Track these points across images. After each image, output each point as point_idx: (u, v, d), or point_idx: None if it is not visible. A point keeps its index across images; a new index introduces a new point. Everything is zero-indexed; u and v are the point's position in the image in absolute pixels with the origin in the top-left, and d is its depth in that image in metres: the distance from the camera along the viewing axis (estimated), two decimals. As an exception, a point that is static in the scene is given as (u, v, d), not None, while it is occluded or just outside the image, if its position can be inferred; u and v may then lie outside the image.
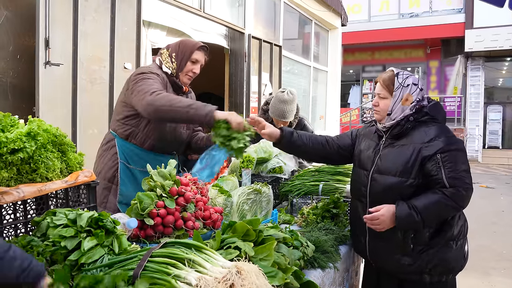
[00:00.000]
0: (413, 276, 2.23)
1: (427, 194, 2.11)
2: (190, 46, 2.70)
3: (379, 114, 2.28)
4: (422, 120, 2.20)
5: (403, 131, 2.20)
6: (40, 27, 3.75)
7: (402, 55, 18.99)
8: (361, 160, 2.38)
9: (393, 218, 2.10)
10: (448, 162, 2.07)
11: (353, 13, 17.71)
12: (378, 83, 2.29)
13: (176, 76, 2.70)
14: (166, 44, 2.78)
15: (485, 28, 15.22)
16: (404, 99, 2.19)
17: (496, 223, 7.16)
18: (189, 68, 2.70)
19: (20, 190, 1.52)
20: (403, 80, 2.22)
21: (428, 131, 2.16)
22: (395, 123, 2.21)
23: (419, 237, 2.17)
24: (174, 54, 2.69)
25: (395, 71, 2.27)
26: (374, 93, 2.35)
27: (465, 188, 2.07)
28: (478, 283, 4.61)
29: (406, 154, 2.15)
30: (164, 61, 2.70)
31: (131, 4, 4.77)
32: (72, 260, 1.39)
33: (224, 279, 1.18)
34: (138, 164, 2.64)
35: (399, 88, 2.20)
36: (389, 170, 2.18)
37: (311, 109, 10.43)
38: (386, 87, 2.24)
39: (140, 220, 1.87)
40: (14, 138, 1.54)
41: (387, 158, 2.22)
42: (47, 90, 3.83)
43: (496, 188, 10.51)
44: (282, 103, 3.65)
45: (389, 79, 2.24)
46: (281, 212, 2.85)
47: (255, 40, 7.47)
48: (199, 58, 2.73)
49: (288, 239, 1.76)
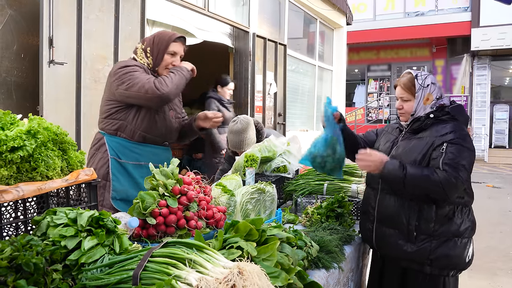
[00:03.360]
0: (414, 265, 2.33)
1: (421, 167, 2.23)
2: (166, 39, 2.65)
3: (404, 116, 2.42)
4: (443, 118, 2.31)
5: (421, 126, 2.33)
6: (44, 26, 3.74)
7: (407, 54, 18.91)
8: (378, 150, 2.48)
9: (380, 165, 2.22)
10: (451, 152, 2.16)
11: (358, 12, 17.65)
12: (398, 87, 2.41)
13: (153, 70, 2.65)
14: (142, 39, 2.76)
15: (492, 27, 15.12)
16: (425, 99, 2.33)
17: (503, 223, 7.09)
18: (168, 61, 2.66)
19: (20, 188, 1.50)
20: (423, 81, 2.35)
21: (445, 127, 2.26)
22: (415, 119, 2.36)
23: (424, 226, 2.26)
24: (149, 48, 2.64)
25: (413, 73, 2.39)
26: (396, 97, 2.47)
27: (455, 177, 2.11)
28: (485, 283, 4.56)
29: (420, 145, 2.28)
30: (138, 56, 2.65)
31: (135, 3, 4.76)
32: (72, 260, 1.37)
33: (225, 280, 1.15)
34: (130, 158, 2.62)
35: (420, 89, 2.33)
36: (402, 159, 2.29)
37: (316, 109, 10.39)
38: (408, 90, 2.36)
39: (142, 219, 1.85)
40: (14, 136, 1.52)
41: (402, 149, 2.36)
42: (51, 89, 3.82)
43: (503, 188, 10.42)
44: (235, 135, 3.42)
45: (409, 81, 2.36)
46: (285, 211, 2.83)
47: (259, 39, 7.45)
48: (177, 50, 2.67)
49: (291, 239, 1.73)
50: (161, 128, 2.68)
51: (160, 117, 2.67)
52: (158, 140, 2.72)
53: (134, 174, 2.63)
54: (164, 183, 1.94)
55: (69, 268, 1.38)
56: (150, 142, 2.67)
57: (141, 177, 2.61)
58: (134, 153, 2.62)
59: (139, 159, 2.65)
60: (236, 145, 3.45)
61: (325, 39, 11.14)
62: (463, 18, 16.13)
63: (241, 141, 3.42)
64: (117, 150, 2.60)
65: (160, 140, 2.74)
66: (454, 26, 16.20)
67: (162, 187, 1.94)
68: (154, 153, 2.70)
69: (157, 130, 2.67)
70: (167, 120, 2.71)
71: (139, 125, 2.59)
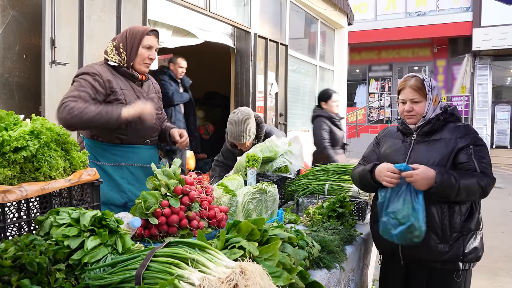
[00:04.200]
0: (447, 265, 2.31)
1: (461, 171, 2.24)
2: (139, 33, 2.62)
3: (414, 117, 2.40)
4: (450, 119, 2.40)
5: (434, 128, 2.37)
6: (46, 27, 3.75)
7: (409, 54, 18.89)
8: (389, 156, 2.46)
9: (430, 180, 2.15)
10: (478, 154, 2.26)
11: (359, 12, 17.64)
12: (408, 89, 2.40)
13: (128, 67, 2.62)
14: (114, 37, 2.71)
15: (493, 27, 15.10)
16: (434, 100, 2.39)
17: (505, 223, 7.09)
18: (144, 55, 2.62)
19: (23, 188, 1.51)
20: (429, 83, 2.40)
21: (459, 129, 2.36)
22: (426, 121, 2.38)
23: (454, 223, 2.28)
24: (122, 44, 2.61)
25: (420, 76, 2.43)
26: (401, 100, 2.45)
27: (493, 178, 2.25)
28: (487, 284, 4.56)
29: (441, 147, 2.32)
30: (109, 54, 2.62)
31: (137, 4, 4.77)
32: (75, 260, 1.38)
33: (228, 279, 1.16)
34: (109, 160, 2.58)
35: (429, 91, 2.38)
36: (425, 161, 2.29)
37: (317, 109, 10.39)
38: (420, 91, 2.38)
39: (145, 219, 1.86)
40: (17, 136, 1.53)
41: (421, 152, 2.37)
42: (53, 90, 3.82)
43: (504, 188, 10.42)
44: (234, 125, 3.37)
45: (419, 83, 2.39)
46: (286, 211, 2.83)
47: (261, 39, 7.45)
48: (152, 43, 2.64)
49: (293, 239, 1.74)
50: (136, 127, 2.60)
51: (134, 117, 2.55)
52: (137, 140, 2.66)
53: (114, 176, 2.57)
54: (166, 183, 1.95)
55: (72, 267, 1.39)
56: (129, 142, 2.62)
57: (121, 178, 2.59)
58: (113, 155, 2.58)
59: (119, 161, 2.60)
60: (236, 136, 3.39)
61: (326, 39, 11.13)
62: (465, 18, 16.11)
63: (240, 132, 3.37)
64: (96, 153, 2.55)
65: (140, 140, 2.67)
66: (456, 26, 16.18)
67: (164, 187, 1.94)
68: (135, 153, 2.65)
69: (132, 130, 2.60)
70: (142, 119, 2.59)
71: (113, 128, 2.53)
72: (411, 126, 2.44)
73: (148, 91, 2.77)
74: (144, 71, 2.69)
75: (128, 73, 2.63)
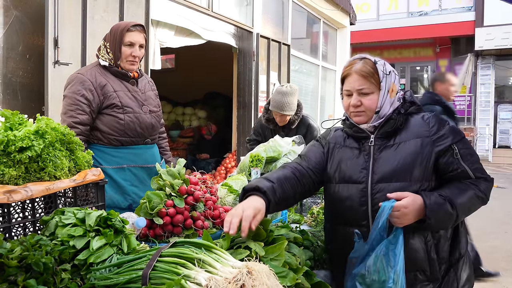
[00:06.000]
0: None
1: (452, 184, 1.72)
2: (120, 30, 2.52)
3: (364, 115, 1.77)
4: (412, 111, 1.81)
5: (397, 126, 1.76)
6: (49, 27, 3.76)
7: (411, 54, 18.85)
8: (343, 172, 1.81)
9: (420, 211, 1.62)
10: (464, 152, 1.72)
11: (361, 12, 17.60)
12: (353, 75, 1.76)
13: (116, 65, 2.56)
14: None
15: (496, 26, 15.05)
16: (390, 90, 1.76)
17: (507, 223, 7.06)
18: (127, 53, 2.53)
19: (28, 188, 1.51)
20: (383, 67, 1.76)
21: (426, 121, 1.76)
22: (384, 120, 1.76)
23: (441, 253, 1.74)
24: (108, 44, 2.55)
25: (371, 58, 1.79)
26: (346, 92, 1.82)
27: (490, 179, 1.76)
28: (489, 284, 4.54)
29: (411, 149, 1.71)
30: (101, 54, 2.58)
31: (140, 4, 4.77)
32: (80, 260, 1.38)
33: (235, 279, 1.15)
34: (111, 162, 2.54)
35: (384, 77, 1.74)
36: (396, 174, 1.71)
37: (320, 108, 10.38)
38: (370, 78, 1.74)
39: (149, 219, 1.86)
40: (22, 136, 1.53)
41: (388, 161, 1.73)
42: (56, 90, 3.82)
43: (507, 188, 10.38)
44: (281, 95, 3.66)
45: (370, 68, 1.75)
46: (290, 211, 2.82)
47: (263, 39, 7.45)
48: (134, 39, 2.53)
49: (298, 239, 1.73)
50: (134, 128, 2.57)
51: (130, 117, 2.54)
52: (137, 140, 2.62)
53: (116, 178, 2.54)
54: (171, 183, 1.95)
55: (78, 267, 1.38)
56: (129, 144, 2.58)
57: (124, 180, 2.56)
58: (114, 157, 2.55)
59: (121, 163, 2.57)
60: (278, 105, 3.65)
61: (329, 39, 11.13)
62: (467, 18, 16.07)
63: (284, 103, 3.64)
64: (98, 156, 2.50)
65: (140, 140, 2.63)
66: (458, 25, 16.14)
67: (169, 187, 1.94)
68: (136, 154, 2.62)
69: (132, 131, 2.56)
70: (140, 119, 2.58)
71: (110, 132, 2.51)
72: (363, 126, 1.79)
73: (144, 89, 2.71)
74: (131, 68, 2.59)
75: (119, 72, 2.56)
